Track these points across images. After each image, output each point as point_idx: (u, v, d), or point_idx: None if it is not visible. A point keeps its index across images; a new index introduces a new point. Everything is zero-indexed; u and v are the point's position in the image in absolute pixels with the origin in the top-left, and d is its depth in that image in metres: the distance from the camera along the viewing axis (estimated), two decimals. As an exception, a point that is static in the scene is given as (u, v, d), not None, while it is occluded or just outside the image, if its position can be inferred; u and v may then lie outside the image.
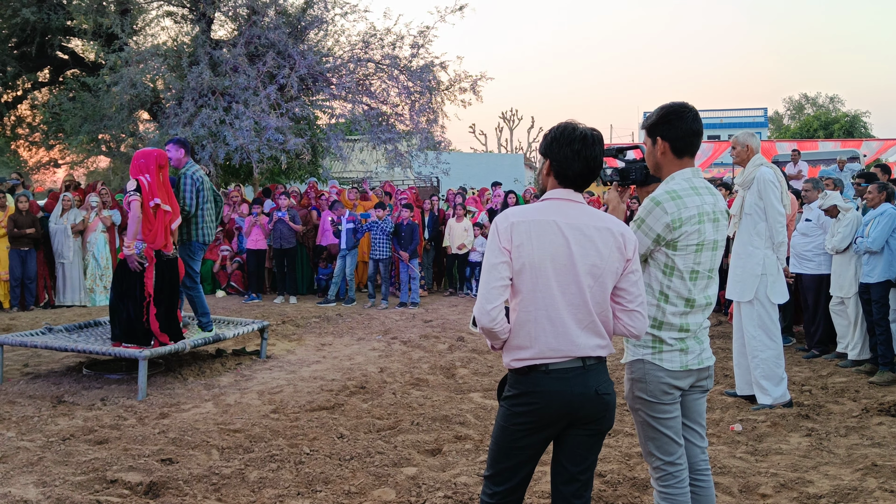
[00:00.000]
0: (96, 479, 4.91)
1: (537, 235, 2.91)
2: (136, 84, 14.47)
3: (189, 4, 16.24)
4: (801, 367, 8.32)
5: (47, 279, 13.01)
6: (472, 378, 7.88)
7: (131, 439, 5.77)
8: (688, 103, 3.39)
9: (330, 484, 4.93)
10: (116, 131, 15.62)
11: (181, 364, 8.24)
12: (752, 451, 5.57)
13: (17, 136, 18.75)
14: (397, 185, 22.96)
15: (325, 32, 16.79)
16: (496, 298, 2.91)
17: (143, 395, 7.00)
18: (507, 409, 3.04)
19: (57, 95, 16.95)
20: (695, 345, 3.36)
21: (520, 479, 3.07)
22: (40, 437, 5.81)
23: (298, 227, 13.78)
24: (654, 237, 3.27)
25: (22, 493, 4.67)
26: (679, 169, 3.40)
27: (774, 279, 6.55)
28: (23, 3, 15.52)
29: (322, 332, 10.67)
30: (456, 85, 16.81)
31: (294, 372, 8.15)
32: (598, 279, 2.94)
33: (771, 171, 6.61)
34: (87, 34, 15.43)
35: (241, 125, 14.23)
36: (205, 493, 4.76)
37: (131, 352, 7.18)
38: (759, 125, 54.30)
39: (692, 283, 3.31)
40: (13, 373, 7.92)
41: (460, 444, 5.75)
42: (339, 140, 16.70)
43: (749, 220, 6.63)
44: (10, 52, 16.54)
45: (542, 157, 3.10)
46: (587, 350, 2.95)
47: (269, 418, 6.41)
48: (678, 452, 3.35)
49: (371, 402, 6.93)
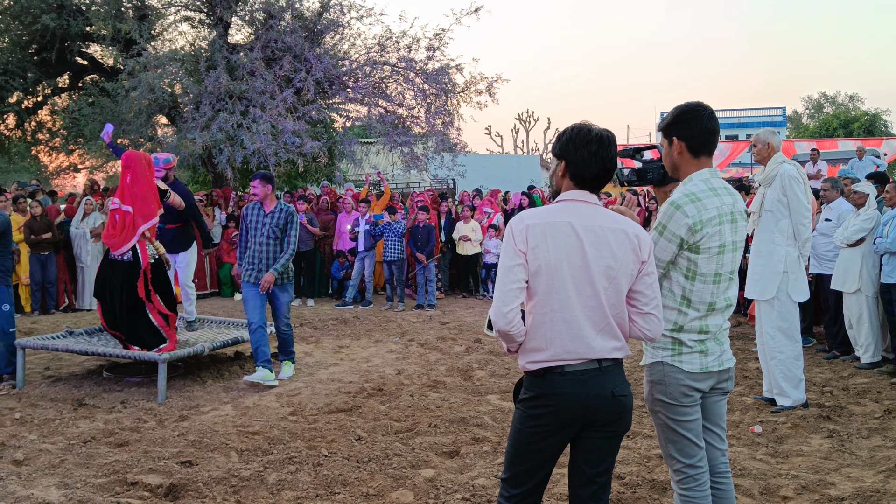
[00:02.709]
0: (117, 482, 4.94)
1: (552, 237, 2.91)
2: (154, 89, 14.55)
3: (206, 9, 16.33)
4: (821, 368, 8.26)
5: (68, 283, 13.10)
6: (489, 380, 7.88)
7: (151, 442, 5.80)
8: (703, 102, 3.37)
9: (348, 486, 4.94)
10: (135, 136, 15.71)
11: (200, 367, 8.29)
12: (772, 453, 5.53)
13: (37, 142, 18.90)
14: (413, 187, 22.97)
15: (341, 36, 16.82)
16: (512, 301, 2.91)
17: (162, 398, 7.04)
18: (523, 411, 3.03)
19: (76, 101, 17.07)
20: (715, 346, 3.34)
21: (537, 481, 3.06)
22: (62, 440, 5.86)
23: (315, 229, 13.81)
24: (677, 242, 3.24)
25: (44, 495, 4.71)
26: (697, 169, 3.38)
27: (796, 277, 6.48)
28: (43, 10, 15.65)
29: (339, 334, 10.69)
30: (472, 87, 16.80)
31: (312, 374, 8.17)
32: (613, 281, 2.93)
33: (794, 168, 6.56)
34: (106, 40, 15.54)
35: (258, 129, 14.29)
36: (224, 495, 4.78)
37: (151, 355, 7.22)
38: (777, 124, 53.90)
39: (715, 286, 3.29)
40: (35, 376, 7.98)
41: (478, 446, 5.75)
42: (353, 144, 16.74)
43: (770, 217, 6.56)
44: (31, 58, 16.69)
45: (556, 159, 3.09)
46: (603, 352, 2.94)
47: (287, 420, 6.43)
48: (699, 455, 3.33)
49: (388, 405, 6.94)
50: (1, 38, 16.64)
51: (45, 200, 13.25)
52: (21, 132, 18.29)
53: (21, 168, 27.23)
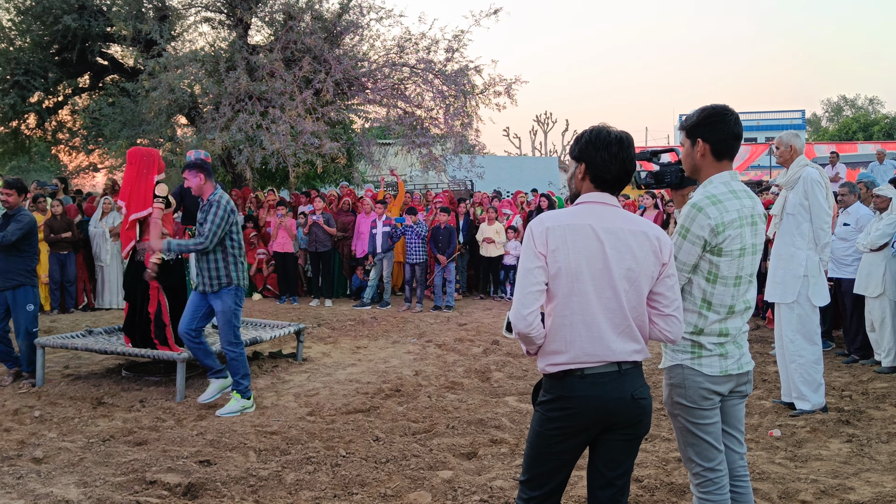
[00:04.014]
0: (136, 480, 4.97)
1: (573, 240, 2.90)
2: (174, 89, 14.61)
3: (226, 10, 16.38)
4: (840, 373, 8.20)
5: (87, 282, 13.19)
6: (507, 382, 7.87)
7: (170, 441, 5.83)
8: (729, 106, 3.36)
9: (366, 486, 4.95)
10: (155, 136, 15.79)
11: (218, 366, 8.31)
12: (791, 457, 5.50)
13: (57, 141, 19.02)
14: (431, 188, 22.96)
15: (360, 37, 16.83)
16: (532, 303, 2.91)
17: (181, 397, 7.07)
18: (542, 413, 3.03)
19: (97, 101, 17.18)
20: (734, 349, 3.33)
21: (555, 483, 3.06)
22: (81, 438, 5.90)
23: (333, 230, 13.84)
24: (701, 244, 3.23)
25: (63, 493, 4.74)
26: (717, 172, 3.37)
27: (816, 281, 6.44)
28: (64, 11, 15.76)
29: (357, 335, 10.71)
30: (490, 88, 16.75)
31: (330, 374, 8.19)
32: (634, 283, 2.92)
33: (816, 171, 6.51)
34: (127, 40, 15.62)
35: (277, 130, 14.32)
36: (242, 494, 4.80)
37: (170, 354, 7.26)
38: (796, 127, 53.49)
39: (735, 288, 3.28)
40: (54, 374, 8.04)
41: (496, 447, 5.74)
42: (371, 145, 16.75)
43: (791, 220, 6.51)
44: (52, 58, 16.80)
45: (575, 162, 3.08)
46: (623, 355, 2.93)
47: (305, 420, 6.45)
48: (718, 458, 3.31)
49: (406, 406, 6.94)
50: (23, 39, 16.76)
51: (65, 200, 13.33)
52: (42, 132, 18.42)
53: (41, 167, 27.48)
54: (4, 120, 17.09)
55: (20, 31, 16.72)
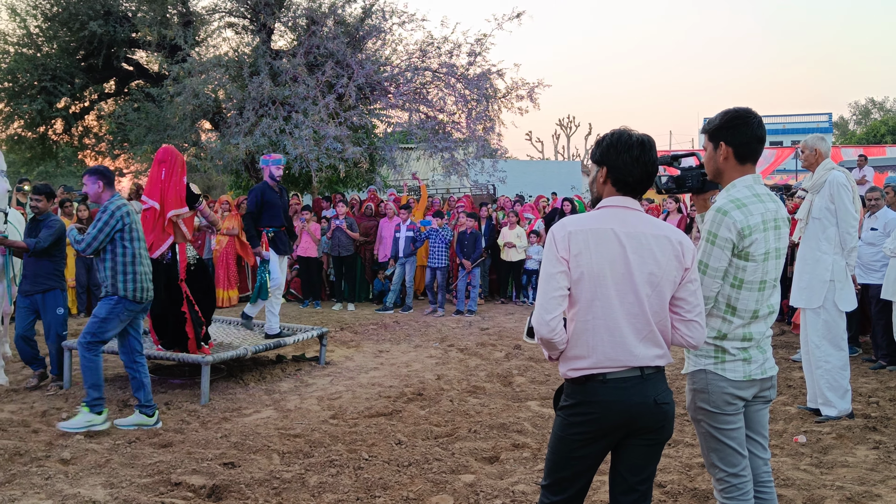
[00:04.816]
0: (161, 482, 5.02)
1: (595, 244, 2.90)
2: (198, 94, 14.74)
3: (250, 15, 16.50)
4: (867, 379, 8.12)
5: (113, 285, 13.28)
6: (529, 386, 7.86)
7: (194, 443, 5.88)
8: (752, 109, 3.35)
9: (388, 490, 4.96)
10: (179, 141, 15.92)
11: (243, 369, 8.37)
12: (816, 464, 5.45)
13: (84, 146, 19.21)
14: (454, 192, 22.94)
15: (382, 42, 16.90)
16: (555, 308, 2.90)
17: (205, 400, 7.12)
18: (563, 418, 3.03)
19: (122, 106, 17.35)
20: (758, 354, 3.32)
21: (577, 488, 3.05)
22: (107, 440, 5.96)
23: (356, 234, 13.89)
24: (730, 248, 3.22)
25: (91, 493, 4.79)
26: (740, 175, 3.35)
27: (842, 286, 6.38)
28: (90, 17, 15.94)
29: (380, 338, 10.74)
30: (513, 92, 16.77)
31: (352, 378, 8.21)
32: (656, 288, 2.91)
33: (843, 175, 6.45)
34: (152, 46, 15.78)
35: (300, 134, 14.40)
36: (266, 496, 4.83)
37: (194, 357, 7.31)
38: (822, 130, 53.00)
39: (759, 293, 3.27)
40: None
41: (518, 452, 5.74)
42: (394, 150, 16.79)
43: (817, 224, 6.46)
44: (78, 64, 16.99)
45: (597, 165, 3.08)
46: (645, 360, 2.92)
47: (328, 424, 6.47)
48: (742, 464, 3.30)
49: (428, 409, 6.95)
50: (49, 45, 16.96)
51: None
52: (68, 137, 18.62)
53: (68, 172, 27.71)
54: (32, 125, 17.30)
55: (47, 37, 16.92)
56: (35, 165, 20.85)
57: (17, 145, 17.92)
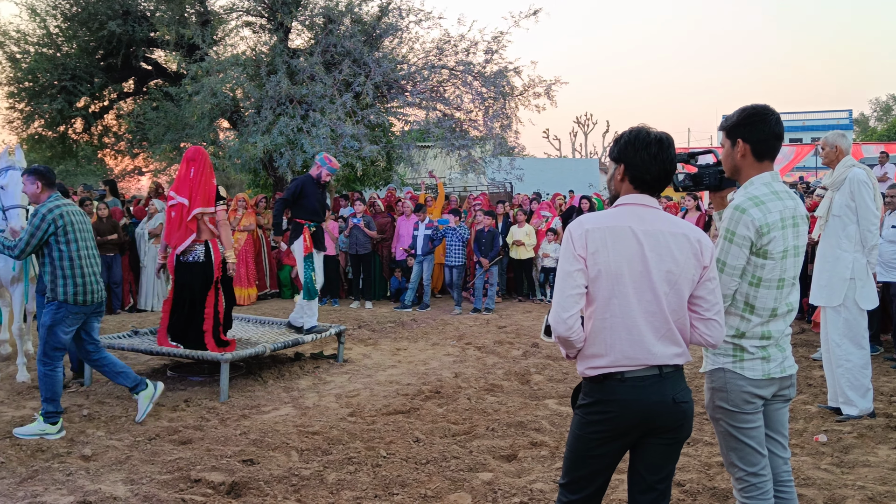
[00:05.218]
0: (181, 478, 5.06)
1: (613, 242, 2.89)
2: (216, 93, 14.78)
3: (267, 14, 16.55)
4: (889, 377, 8.06)
5: (132, 283, 13.40)
6: (546, 384, 7.85)
7: (214, 440, 5.92)
8: (770, 106, 3.33)
9: (406, 487, 4.98)
10: (198, 139, 15.97)
11: (261, 367, 8.41)
12: (837, 463, 5.42)
13: (103, 145, 19.33)
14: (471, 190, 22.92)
15: (399, 40, 16.90)
16: (572, 307, 2.90)
17: (224, 397, 7.17)
18: (581, 417, 3.02)
19: (141, 105, 17.45)
20: (777, 353, 3.30)
21: (596, 487, 3.05)
22: (128, 437, 6.00)
23: (373, 233, 13.92)
24: (748, 245, 3.20)
25: (111, 489, 4.84)
26: (758, 173, 3.34)
27: (863, 283, 6.33)
28: (109, 16, 16.03)
29: (397, 336, 10.76)
30: (530, 90, 16.72)
31: (370, 376, 8.24)
32: (674, 286, 2.90)
33: (864, 172, 6.40)
34: (170, 45, 15.84)
35: (317, 133, 14.42)
36: (285, 493, 4.86)
37: (214, 354, 7.35)
38: (843, 127, 52.59)
39: (778, 291, 3.25)
40: (102, 374, 8.17)
41: (536, 450, 5.74)
42: (411, 148, 16.79)
43: (837, 222, 6.41)
44: (98, 63, 17.10)
45: (614, 163, 3.07)
46: (664, 358, 2.91)
47: (346, 421, 6.50)
48: (762, 463, 3.28)
49: (446, 407, 6.96)
50: (69, 45, 17.08)
51: (112, 203, 13.55)
52: (88, 136, 18.74)
53: (87, 171, 27.89)
54: (52, 125, 17.43)
55: (67, 37, 17.04)
56: (55, 164, 20.97)
57: (37, 144, 18.06)
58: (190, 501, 4.68)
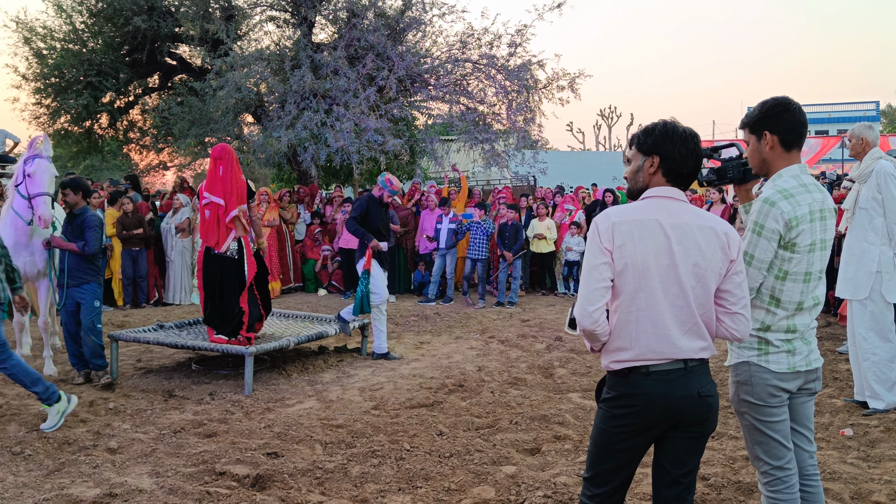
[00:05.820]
0: (206, 471, 5.09)
1: (640, 235, 2.87)
2: (240, 88, 14.86)
3: (291, 9, 16.59)
4: (916, 371, 7.97)
5: (158, 278, 13.50)
6: (570, 378, 7.83)
7: (238, 433, 5.95)
8: (788, 97, 3.31)
9: (430, 480, 4.98)
10: (222, 134, 16.07)
11: (286, 360, 8.45)
12: (864, 457, 5.36)
13: (129, 140, 19.51)
14: (494, 183, 22.88)
15: (423, 34, 16.91)
16: (598, 300, 2.88)
17: (249, 391, 7.20)
18: (605, 411, 3.01)
19: (166, 100, 17.58)
20: (802, 346, 3.27)
21: (620, 481, 3.04)
22: (153, 430, 6.05)
23: (396, 227, 13.92)
24: (777, 239, 3.17)
25: (137, 482, 4.87)
26: (787, 164, 3.30)
27: (890, 276, 6.25)
28: (134, 12, 16.15)
29: (420, 330, 10.77)
30: (554, 83, 16.68)
31: (394, 369, 8.25)
32: (701, 280, 2.88)
33: (891, 164, 6.32)
34: (194, 40, 15.94)
35: (341, 127, 14.47)
36: (309, 486, 4.88)
37: (238, 348, 7.39)
38: (870, 119, 51.85)
39: (805, 284, 3.22)
40: (127, 367, 8.26)
41: (559, 444, 5.73)
42: (434, 142, 16.79)
43: (864, 214, 6.34)
44: (123, 59, 17.24)
45: (643, 155, 3.03)
46: (689, 352, 2.90)
47: (370, 414, 6.51)
48: (787, 457, 3.26)
49: (470, 401, 6.96)
50: (95, 40, 17.23)
51: (135, 197, 13.66)
52: (113, 131, 18.91)
53: (113, 166, 28.15)
54: (78, 120, 17.60)
55: (92, 33, 17.20)
56: (81, 159, 21.21)
57: (63, 140, 18.26)
58: (215, 494, 4.71)
